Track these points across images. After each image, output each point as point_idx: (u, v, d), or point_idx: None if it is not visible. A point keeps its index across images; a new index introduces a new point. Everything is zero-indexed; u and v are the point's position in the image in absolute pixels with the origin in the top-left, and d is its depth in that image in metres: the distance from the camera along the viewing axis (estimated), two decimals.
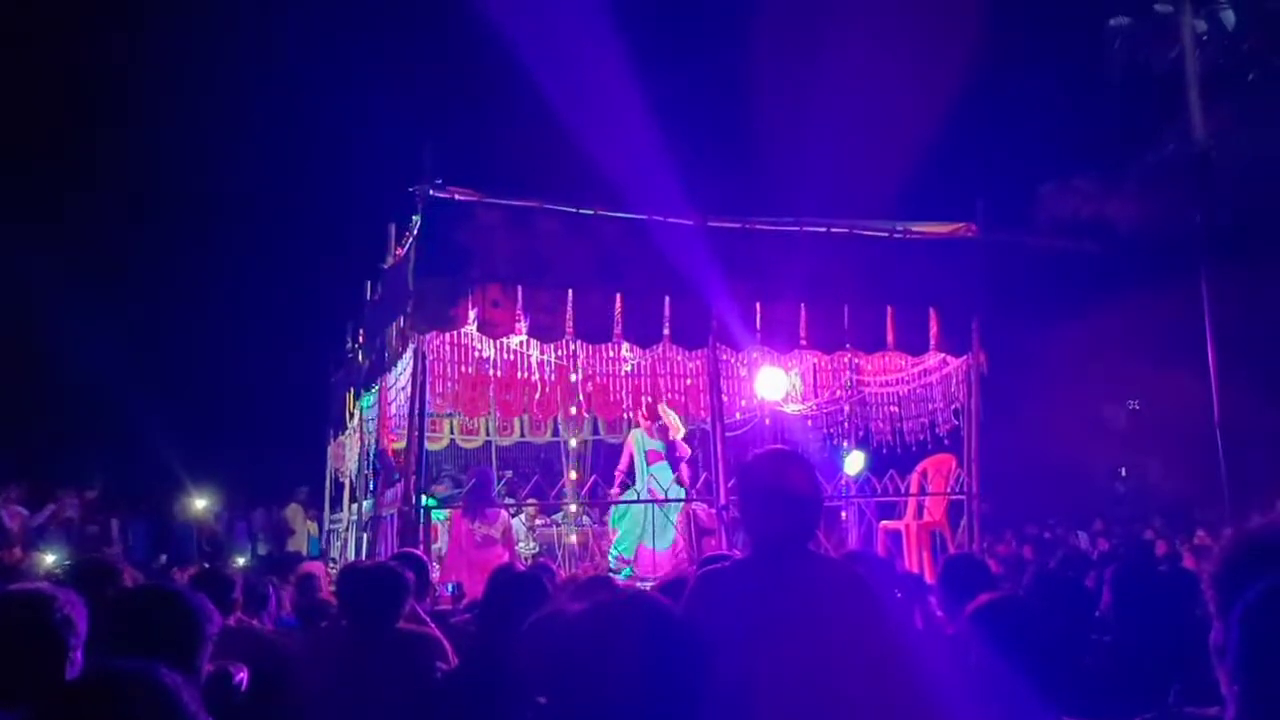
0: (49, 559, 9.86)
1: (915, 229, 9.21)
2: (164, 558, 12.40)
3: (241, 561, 12.69)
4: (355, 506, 11.54)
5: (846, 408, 11.05)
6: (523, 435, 13.54)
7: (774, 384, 10.26)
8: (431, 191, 7.84)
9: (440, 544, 10.19)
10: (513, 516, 10.59)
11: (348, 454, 12.18)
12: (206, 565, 7.11)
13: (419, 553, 6.36)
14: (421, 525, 8.05)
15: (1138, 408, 25.54)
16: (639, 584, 7.94)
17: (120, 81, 20.18)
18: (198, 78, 20.67)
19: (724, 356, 9.48)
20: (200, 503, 14.84)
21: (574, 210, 8.27)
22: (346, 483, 12.52)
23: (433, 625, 4.62)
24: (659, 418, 10.55)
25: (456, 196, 7.94)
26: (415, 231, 8.06)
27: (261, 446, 18.17)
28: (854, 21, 16.69)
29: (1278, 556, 1.66)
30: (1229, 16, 6.86)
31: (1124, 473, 25.76)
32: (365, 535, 10.27)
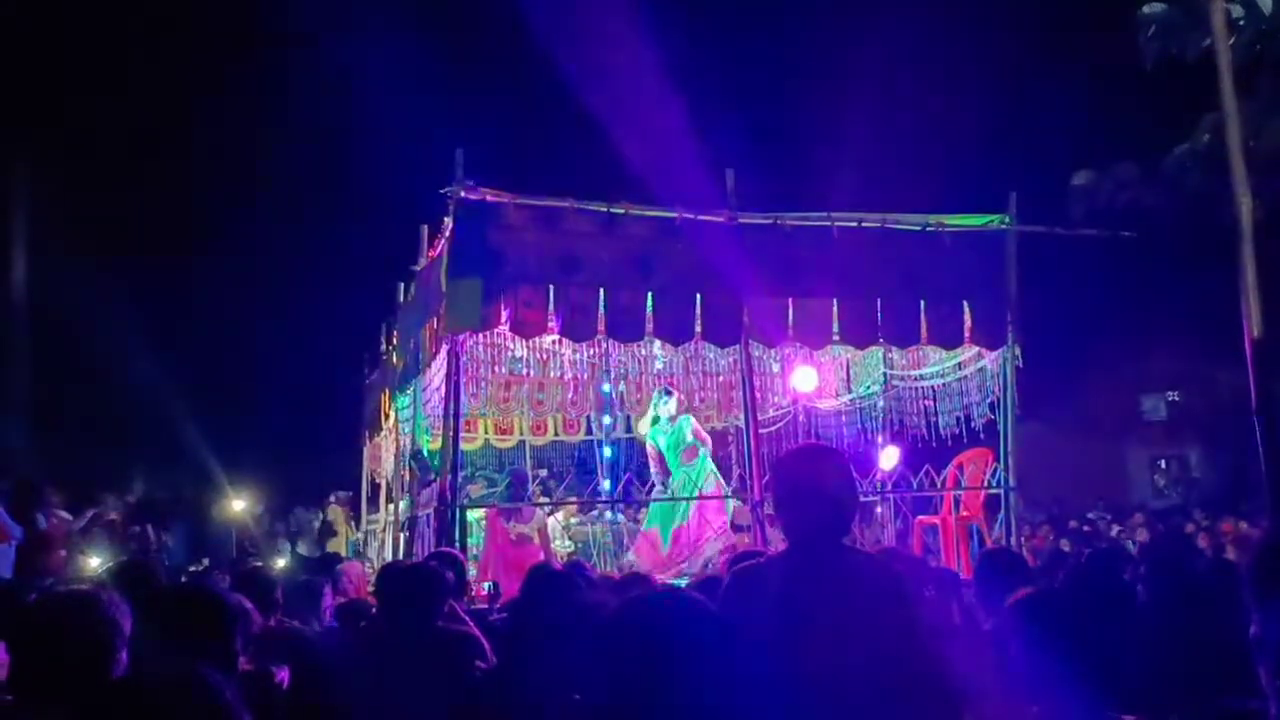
0: (93, 562, 10.00)
1: (948, 222, 9.15)
2: (205, 561, 12.55)
3: (282, 563, 12.81)
4: (392, 507, 11.63)
5: (881, 402, 10.99)
6: (557, 434, 13.59)
7: (808, 379, 10.23)
8: (463, 193, 7.88)
9: (476, 540, 10.25)
10: (548, 515, 10.63)
11: (384, 455, 12.28)
12: (256, 565, 7.17)
13: (456, 551, 6.41)
14: (457, 525, 8.10)
15: (1177, 399, 25.25)
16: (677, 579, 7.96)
17: (160, 95, 20.46)
18: (232, 85, 20.92)
19: (756, 353, 9.46)
20: (238, 504, 14.98)
21: (605, 209, 8.28)
22: (383, 483, 12.62)
23: (471, 624, 4.65)
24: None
25: (488, 198, 7.98)
26: (447, 233, 8.10)
27: (299, 448, 18.36)
28: (884, 15, 16.62)
29: None
30: (1266, 1, 6.72)
31: (1164, 464, 25.51)
32: (402, 535, 10.34)
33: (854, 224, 8.87)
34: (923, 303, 8.91)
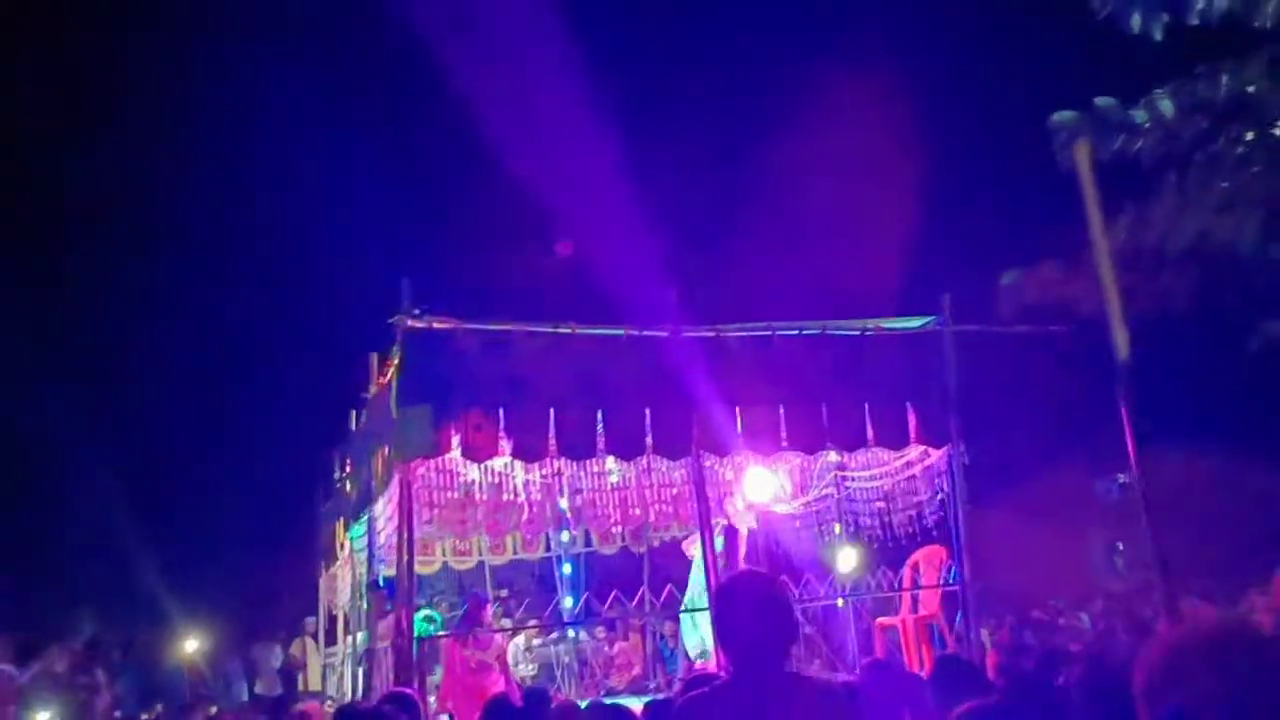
0: (41, 717, 9.69)
1: (885, 325, 9.38)
2: (159, 706, 12.19)
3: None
4: (350, 639, 11.43)
5: (834, 505, 11.08)
6: (516, 553, 13.49)
7: (762, 486, 10.31)
8: (410, 322, 7.97)
9: (437, 674, 10.09)
10: (510, 638, 10.50)
11: (340, 585, 12.11)
12: (213, 710, 6.99)
13: (412, 691, 6.32)
14: (416, 656, 7.99)
15: (1127, 481, 25.54)
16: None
17: (112, 216, 20.58)
18: (183, 215, 21.10)
19: (708, 463, 9.53)
20: (190, 644, 14.61)
21: (551, 329, 8.41)
22: (340, 615, 12.41)
23: None
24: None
25: (434, 325, 8.07)
26: (396, 361, 8.17)
27: (253, 582, 18.03)
28: (817, 129, 17.22)
29: (1192, 668, 1.71)
30: (1167, 105, 7.10)
31: (1121, 547, 25.69)
32: (361, 668, 10.16)
33: (794, 332, 9.06)
34: (867, 406, 9.07)
